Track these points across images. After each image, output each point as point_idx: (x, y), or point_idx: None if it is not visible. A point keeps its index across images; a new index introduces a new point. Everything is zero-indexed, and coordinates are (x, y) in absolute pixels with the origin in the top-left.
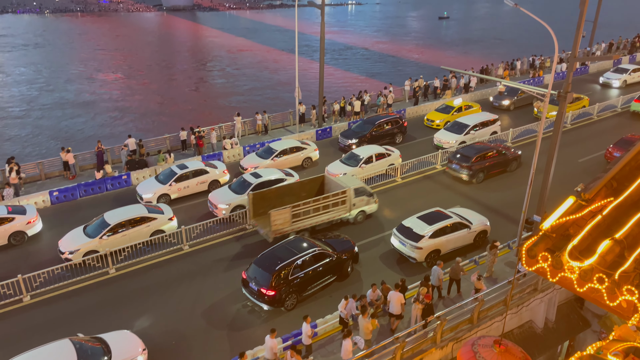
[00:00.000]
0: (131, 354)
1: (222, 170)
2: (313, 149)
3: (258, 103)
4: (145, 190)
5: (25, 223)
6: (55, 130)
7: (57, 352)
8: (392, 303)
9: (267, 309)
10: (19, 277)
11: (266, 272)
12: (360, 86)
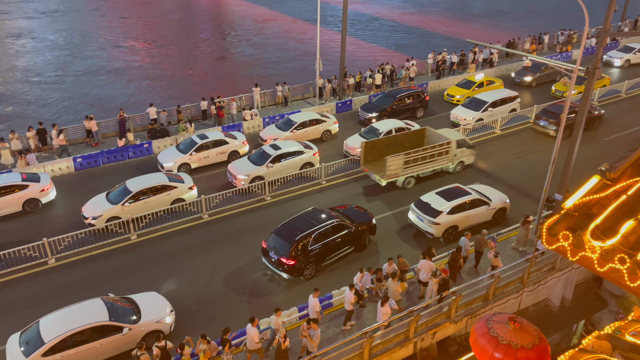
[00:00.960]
0: (159, 314)
1: (242, 141)
2: (332, 122)
3: (285, 73)
4: (166, 159)
5: (39, 191)
6: (89, 97)
7: (90, 309)
8: (422, 271)
9: (287, 278)
10: (45, 240)
11: (286, 242)
12: (387, 59)
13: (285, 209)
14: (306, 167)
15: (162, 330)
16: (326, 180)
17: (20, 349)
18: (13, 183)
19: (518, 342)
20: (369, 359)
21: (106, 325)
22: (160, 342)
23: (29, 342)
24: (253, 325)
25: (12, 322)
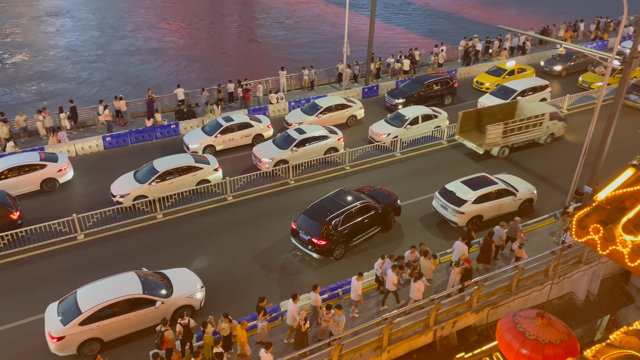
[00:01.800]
0: (190, 290)
1: (267, 124)
2: (358, 107)
3: (316, 57)
4: (191, 140)
5: (57, 171)
6: (127, 76)
7: (124, 282)
8: (455, 252)
9: (317, 258)
10: (74, 216)
11: (317, 222)
12: (419, 45)
13: (308, 193)
14: (330, 152)
15: (193, 305)
16: (350, 166)
17: (58, 317)
18: (31, 162)
19: (546, 338)
20: (388, 345)
21: (140, 298)
22: (184, 320)
23: (66, 311)
24: (295, 302)
25: (44, 292)
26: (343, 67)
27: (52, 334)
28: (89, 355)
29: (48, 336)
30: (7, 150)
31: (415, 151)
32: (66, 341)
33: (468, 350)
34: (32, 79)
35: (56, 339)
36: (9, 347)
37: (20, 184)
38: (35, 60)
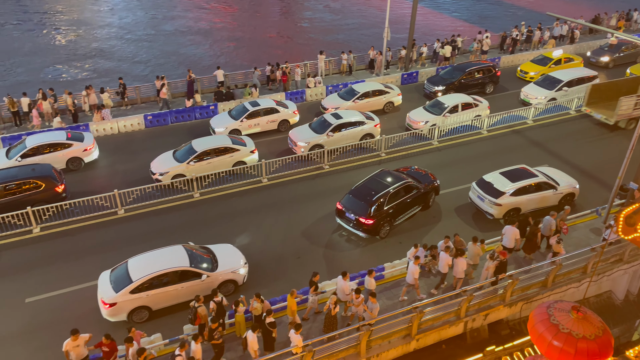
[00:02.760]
0: (234, 265)
1: (293, 110)
2: (396, 94)
3: (361, 41)
4: (218, 124)
5: (82, 150)
6: (178, 56)
7: (173, 254)
8: (505, 236)
9: (364, 237)
10: (115, 191)
11: (363, 202)
12: (465, 31)
13: (342, 179)
14: (366, 138)
15: (236, 280)
16: (385, 153)
17: (110, 285)
18: (58, 141)
19: (580, 332)
20: (417, 334)
21: (187, 271)
22: (217, 297)
23: (118, 279)
24: (344, 278)
25: (89, 262)
26: (374, 53)
27: (104, 301)
28: (138, 322)
29: (101, 302)
30: (54, 125)
31: (453, 140)
32: (117, 308)
33: (499, 344)
34: (87, 56)
35: (108, 305)
36: (64, 311)
37: (46, 161)
38: (91, 38)
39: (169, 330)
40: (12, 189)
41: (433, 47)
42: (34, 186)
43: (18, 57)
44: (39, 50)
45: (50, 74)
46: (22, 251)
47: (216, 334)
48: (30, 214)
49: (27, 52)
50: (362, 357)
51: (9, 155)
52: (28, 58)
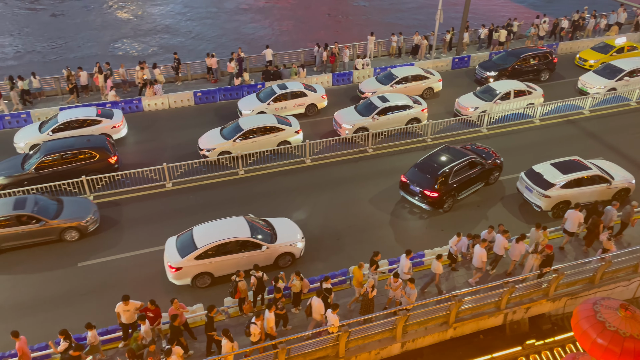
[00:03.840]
0: (292, 238)
1: (321, 94)
2: (436, 79)
3: (420, 22)
4: (245, 106)
5: (111, 127)
6: (237, 34)
7: (234, 225)
8: (568, 220)
9: (428, 209)
10: (164, 165)
11: (429, 175)
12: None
13: (386, 163)
14: (413, 122)
15: (293, 253)
16: (432, 139)
17: (176, 250)
18: (88, 117)
19: (627, 331)
20: (454, 322)
21: (248, 241)
22: (258, 273)
23: (184, 245)
24: (407, 257)
25: (135, 232)
26: (418, 39)
27: (171, 265)
28: (201, 287)
29: (167, 266)
30: (109, 99)
31: (503, 128)
32: (183, 272)
33: (539, 338)
34: (153, 32)
35: (175, 269)
36: (132, 272)
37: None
38: (157, 14)
39: (210, 301)
40: (68, 158)
41: (478, 32)
42: (89, 156)
43: (89, 31)
44: (109, 25)
45: (119, 48)
46: None
47: (279, 304)
48: (85, 182)
49: (97, 27)
50: (397, 341)
51: (42, 130)
52: (98, 32)
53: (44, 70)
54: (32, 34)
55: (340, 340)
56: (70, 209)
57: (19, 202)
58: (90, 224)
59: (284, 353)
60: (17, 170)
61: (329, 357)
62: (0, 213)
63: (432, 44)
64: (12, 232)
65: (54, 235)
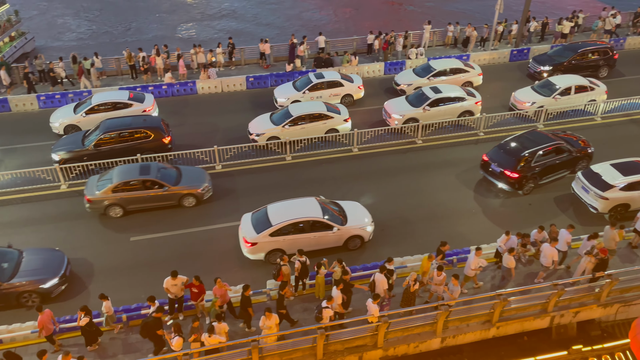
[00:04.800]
0: (362, 222)
1: (358, 85)
2: (476, 73)
3: (486, 12)
4: (281, 94)
5: (141, 111)
6: (300, 20)
7: (307, 205)
8: (543, 255)
9: (507, 190)
10: (215, 147)
11: (511, 156)
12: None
13: (435, 155)
14: (465, 115)
15: (363, 236)
16: (484, 132)
17: (252, 226)
18: (120, 100)
19: None
20: (498, 321)
21: (319, 222)
22: (302, 257)
23: (259, 222)
24: (477, 255)
25: (179, 212)
26: (469, 30)
27: (247, 239)
28: (273, 263)
29: (243, 241)
30: (165, 81)
31: (561, 125)
32: (258, 247)
33: (587, 344)
34: (218, 16)
35: (250, 244)
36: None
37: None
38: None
39: (254, 282)
40: (125, 136)
41: (527, 25)
42: (144, 135)
43: (157, 14)
44: (177, 9)
45: (184, 31)
46: None
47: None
48: (140, 160)
49: (165, 10)
50: (437, 336)
51: (76, 111)
52: (165, 15)
53: (115, 50)
54: (106, 15)
55: (379, 330)
56: (188, 177)
57: (144, 168)
58: (205, 192)
59: (323, 338)
60: (78, 146)
61: (367, 346)
62: (128, 177)
63: (484, 36)
64: (138, 195)
65: (174, 200)
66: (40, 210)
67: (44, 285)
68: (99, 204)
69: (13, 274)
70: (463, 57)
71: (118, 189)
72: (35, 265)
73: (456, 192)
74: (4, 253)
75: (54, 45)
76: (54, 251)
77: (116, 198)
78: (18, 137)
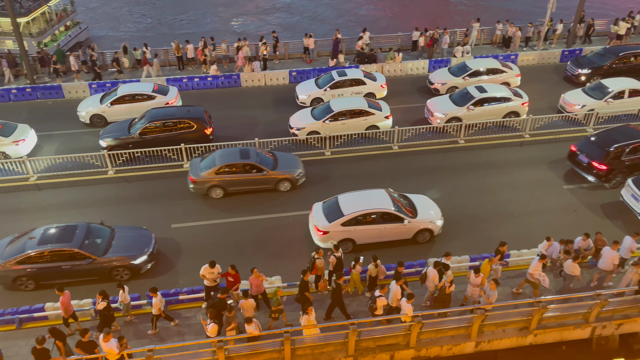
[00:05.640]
0: (433, 216)
1: (381, 83)
2: (514, 74)
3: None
4: (302, 91)
5: (164, 103)
6: (353, 15)
7: (377, 196)
8: (603, 259)
9: (593, 182)
10: (256, 140)
11: (601, 148)
12: None
13: (477, 156)
14: (510, 116)
15: (432, 230)
16: (530, 135)
17: (323, 215)
18: (144, 92)
19: None
20: (535, 329)
21: (390, 213)
22: (337, 252)
23: (330, 211)
24: (541, 261)
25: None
26: (512, 30)
27: (319, 228)
28: (345, 252)
29: (315, 229)
30: (211, 73)
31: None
32: (329, 236)
33: (629, 357)
34: (272, 11)
35: (322, 232)
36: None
37: (133, 110)
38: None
39: (288, 275)
40: (169, 126)
41: (568, 26)
42: (187, 126)
43: (212, 7)
44: (233, 2)
45: (238, 24)
46: (171, 181)
47: None
48: (183, 150)
49: (221, 3)
50: (471, 340)
51: (102, 101)
52: (221, 9)
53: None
54: (165, 7)
55: (412, 330)
56: (283, 162)
57: (244, 152)
58: (300, 177)
59: (355, 335)
60: (124, 134)
61: (399, 345)
62: (230, 161)
63: (528, 35)
64: (239, 178)
65: (270, 184)
66: (88, 194)
67: (134, 261)
68: (202, 184)
69: (106, 249)
70: (510, 57)
71: (221, 171)
72: (126, 242)
73: (497, 195)
74: (98, 229)
75: (109, 35)
76: (142, 230)
77: (219, 180)
78: (66, 122)
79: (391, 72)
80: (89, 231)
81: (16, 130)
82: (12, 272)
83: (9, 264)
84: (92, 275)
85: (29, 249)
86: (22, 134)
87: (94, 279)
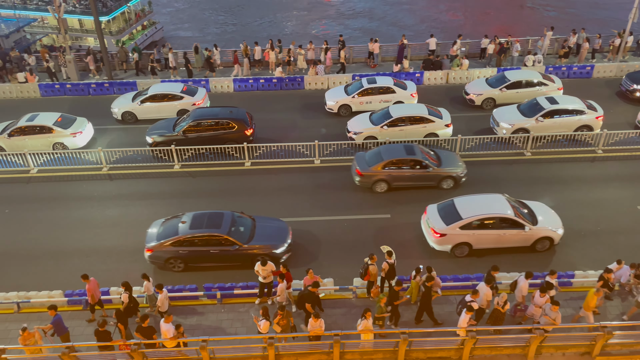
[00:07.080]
0: (553, 224)
1: (411, 92)
2: (555, 87)
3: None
4: (330, 97)
5: (191, 104)
6: (432, 21)
7: (495, 201)
8: None
9: None
10: (316, 142)
11: None
12: None
13: (544, 170)
14: (583, 129)
15: (553, 239)
16: (603, 150)
17: (440, 218)
18: (173, 92)
19: None
20: (598, 355)
21: (510, 219)
22: (390, 259)
23: (447, 214)
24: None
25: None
26: (573, 40)
27: (435, 230)
28: (459, 256)
29: (431, 231)
30: (275, 74)
31: None
32: (446, 239)
33: None
34: (352, 15)
35: (439, 235)
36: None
37: (162, 109)
38: None
39: (341, 278)
40: (212, 125)
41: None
42: (229, 126)
43: (295, 11)
44: (314, 7)
45: (316, 28)
46: (235, 179)
47: None
48: (245, 149)
49: (303, 7)
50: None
51: (134, 100)
52: (303, 13)
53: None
54: (249, 10)
55: (465, 345)
56: (447, 160)
57: (408, 149)
58: (463, 175)
59: (405, 344)
60: (169, 131)
61: (450, 359)
62: (396, 156)
63: (595, 47)
64: (405, 173)
65: (434, 181)
66: (155, 186)
67: (275, 250)
68: (369, 178)
69: (250, 237)
70: (586, 68)
71: (387, 166)
72: (267, 231)
73: (563, 212)
74: (241, 218)
75: (184, 35)
76: (280, 221)
77: (386, 175)
78: None
79: (457, 79)
80: (233, 219)
81: (74, 123)
82: (166, 254)
83: (164, 245)
84: (236, 261)
85: (182, 232)
86: (80, 127)
87: (237, 264)
